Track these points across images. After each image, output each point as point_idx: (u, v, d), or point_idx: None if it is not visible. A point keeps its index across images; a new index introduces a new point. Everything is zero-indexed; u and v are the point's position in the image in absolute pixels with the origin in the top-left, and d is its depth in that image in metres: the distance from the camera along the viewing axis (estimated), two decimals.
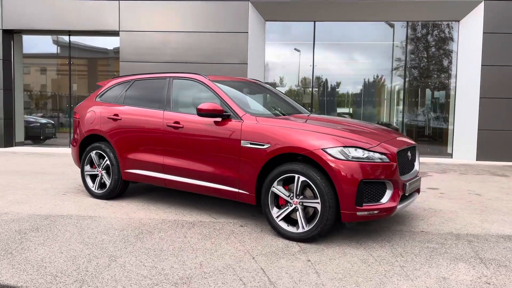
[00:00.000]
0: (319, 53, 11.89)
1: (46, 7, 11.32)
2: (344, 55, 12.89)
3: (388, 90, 12.95)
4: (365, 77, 12.74)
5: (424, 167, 9.22)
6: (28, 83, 13.22)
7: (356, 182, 3.60)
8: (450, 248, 3.73)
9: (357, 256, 3.51)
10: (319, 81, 12.45)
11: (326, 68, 12.47)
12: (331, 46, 12.48)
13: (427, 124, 12.73)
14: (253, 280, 3.02)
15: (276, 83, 12.79)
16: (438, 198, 5.84)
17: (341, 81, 12.97)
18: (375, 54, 12.63)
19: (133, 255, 3.46)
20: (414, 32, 11.89)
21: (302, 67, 12.24)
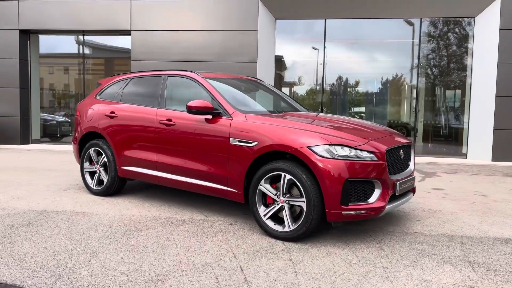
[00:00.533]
0: (331, 51, 11.75)
1: (61, 7, 11.55)
2: (357, 53, 12.71)
3: (402, 89, 12.73)
4: (378, 75, 12.55)
5: (435, 167, 9.00)
6: (47, 82, 13.53)
7: (341, 180, 3.52)
8: (440, 250, 3.61)
9: (341, 257, 3.44)
10: (333, 79, 12.31)
11: (339, 67, 12.33)
12: (343, 44, 12.32)
13: (442, 124, 12.45)
14: (229, 278, 2.98)
15: (295, 82, 12.71)
16: (440, 199, 5.68)
17: (354, 79, 12.80)
18: (388, 52, 12.42)
19: (115, 251, 3.47)
20: (428, 29, 11.62)
21: (320, 65, 12.10)
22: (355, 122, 4.49)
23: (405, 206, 5.17)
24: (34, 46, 12.54)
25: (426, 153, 11.48)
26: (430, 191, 6.26)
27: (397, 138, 4.22)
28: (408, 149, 4.32)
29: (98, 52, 13.35)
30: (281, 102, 5.40)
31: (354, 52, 12.70)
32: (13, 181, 6.34)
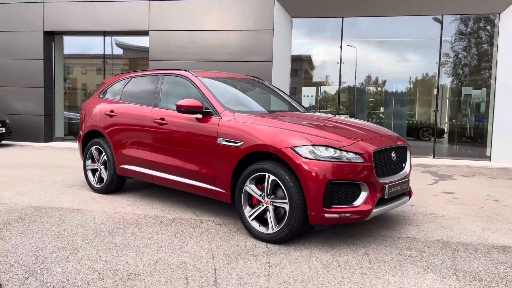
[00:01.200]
0: (358, 50, 11.54)
1: (83, 9, 11.84)
2: (378, 52, 12.42)
3: (423, 88, 12.35)
4: (399, 75, 12.22)
5: (453, 170, 8.67)
6: (73, 82, 13.94)
7: (323, 182, 3.41)
8: (428, 257, 3.44)
9: (321, 261, 3.33)
10: (355, 79, 12.07)
11: (361, 66, 12.09)
12: (364, 43, 12.07)
13: (467, 125, 12.01)
14: (199, 280, 2.94)
15: (322, 82, 12.54)
16: (447, 203, 5.44)
17: (373, 78, 12.52)
18: (410, 50, 12.06)
19: (96, 249, 3.50)
20: (451, 27, 11.20)
21: (343, 65, 11.89)
22: (350, 123, 4.36)
23: (406, 210, 4.99)
24: (58, 46, 12.91)
25: (449, 155, 11.08)
26: (439, 194, 6.01)
27: (391, 139, 4.07)
28: (403, 151, 4.15)
29: (128, 53, 13.60)
30: (280, 101, 5.32)
31: (375, 51, 12.41)
32: (24, 177, 6.53)
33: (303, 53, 12.73)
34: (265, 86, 5.52)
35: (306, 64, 13.23)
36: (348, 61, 11.67)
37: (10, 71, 12.30)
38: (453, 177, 7.68)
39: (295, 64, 12.66)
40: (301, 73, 13.29)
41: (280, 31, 10.80)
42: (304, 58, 12.95)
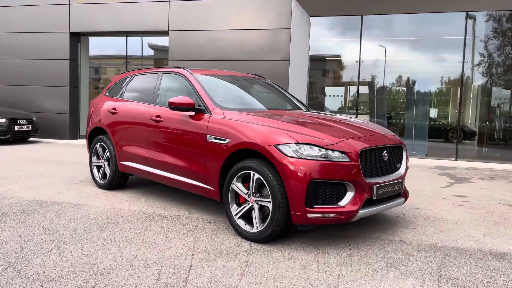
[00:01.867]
0: (369, 48, 11.29)
1: (107, 10, 12.13)
2: (396, 50, 12.09)
3: (454, 89, 11.91)
4: (424, 74, 11.83)
5: (473, 172, 8.32)
6: (98, 81, 14.34)
7: (305, 181, 3.33)
8: (414, 261, 3.30)
9: (301, 261, 3.26)
10: (379, 78, 11.81)
11: (380, 64, 11.82)
12: (385, 42, 11.77)
13: (496, 126, 11.51)
14: (171, 276, 2.93)
15: (352, 81, 12.31)
16: (455, 207, 5.22)
17: (399, 78, 12.17)
18: (434, 49, 11.67)
19: (81, 243, 3.55)
20: (479, 24, 10.75)
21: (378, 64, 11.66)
22: (347, 122, 4.25)
23: (407, 212, 4.81)
24: (84, 47, 13.29)
25: (473, 158, 10.64)
26: (449, 197, 5.77)
27: (384, 138, 3.92)
28: (398, 151, 4.00)
29: (159, 54, 13.80)
30: (280, 100, 5.25)
31: (399, 50, 12.08)
32: (38, 173, 6.74)
33: (326, 53, 12.54)
34: (267, 84, 5.46)
35: (330, 63, 12.98)
36: (377, 61, 11.44)
37: (38, 71, 12.76)
38: (470, 180, 7.36)
39: (319, 64, 12.53)
40: (325, 73, 13.07)
41: (297, 30, 10.70)
42: (329, 57, 12.74)
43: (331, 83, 13.11)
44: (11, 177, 6.28)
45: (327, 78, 13.21)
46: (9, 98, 12.99)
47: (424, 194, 5.91)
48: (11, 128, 11.07)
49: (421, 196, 5.76)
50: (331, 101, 12.68)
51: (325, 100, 12.66)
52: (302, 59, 11.05)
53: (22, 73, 12.93)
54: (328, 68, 13.16)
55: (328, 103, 12.56)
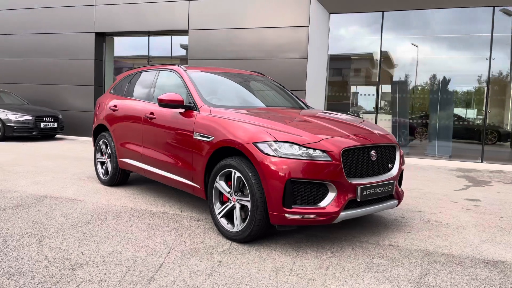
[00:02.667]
0: (391, 46, 10.94)
1: (130, 11, 12.36)
2: (432, 48, 11.65)
3: (477, 88, 11.38)
4: (456, 72, 11.32)
5: (496, 175, 7.89)
6: None
7: (283, 180, 3.22)
8: (396, 267, 3.12)
9: (276, 263, 3.15)
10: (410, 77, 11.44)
11: (402, 63, 11.44)
12: (412, 39, 11.38)
13: None
14: (138, 274, 2.90)
15: (375, 80, 12.02)
16: (462, 211, 4.94)
17: (427, 77, 11.72)
18: (460, 46, 11.17)
19: (63, 238, 3.58)
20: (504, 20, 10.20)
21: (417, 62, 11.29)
22: (335, 119, 4.10)
23: (407, 216, 4.60)
24: (109, 47, 13.59)
25: (500, 160, 10.10)
26: (459, 201, 5.48)
27: (374, 137, 3.74)
28: (389, 151, 3.81)
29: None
30: (279, 97, 5.13)
31: (427, 47, 11.63)
32: (50, 168, 6.92)
33: (350, 51, 12.26)
34: (266, 82, 5.36)
35: (358, 62, 12.62)
36: (402, 59, 11.09)
37: (64, 70, 13.16)
38: (490, 183, 6.97)
39: (342, 63, 12.29)
40: (349, 72, 12.75)
41: (316, 27, 10.51)
42: (357, 56, 12.44)
43: (360, 82, 12.79)
44: (24, 172, 6.48)
45: (352, 77, 12.91)
46: (38, 96, 13.48)
47: (433, 197, 5.64)
48: (37, 125, 11.47)
49: (429, 199, 5.50)
50: (359, 100, 12.40)
51: (350, 99, 12.40)
52: (321, 57, 10.85)
53: (49, 72, 13.38)
54: (354, 67, 12.85)
55: (355, 102, 12.30)
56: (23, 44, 13.77)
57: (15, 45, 13.89)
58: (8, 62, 14.11)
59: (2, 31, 14.06)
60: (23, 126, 11.26)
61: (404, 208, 4.96)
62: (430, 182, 6.93)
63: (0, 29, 14.10)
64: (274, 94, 5.17)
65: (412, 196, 5.64)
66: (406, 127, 11.56)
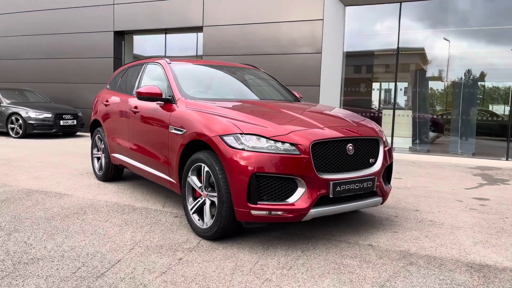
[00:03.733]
0: (412, 39, 10.48)
1: (147, 9, 12.45)
2: (442, 41, 11.09)
3: (504, 83, 10.74)
4: (473, 67, 10.75)
5: None
6: None
7: (247, 174, 3.05)
8: (365, 269, 2.89)
9: (238, 262, 2.99)
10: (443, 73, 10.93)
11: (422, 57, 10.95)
12: (424, 33, 10.87)
13: None
14: (90, 270, 2.81)
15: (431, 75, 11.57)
16: (464, 211, 4.60)
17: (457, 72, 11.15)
18: (485, 39, 10.56)
19: (33, 232, 3.55)
20: None
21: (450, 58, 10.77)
22: (315, 111, 3.89)
23: (401, 214, 4.31)
24: (128, 45, 13.76)
25: None
26: (465, 200, 5.12)
27: (353, 129, 3.49)
28: (371, 144, 3.56)
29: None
30: (267, 90, 4.94)
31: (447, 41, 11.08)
32: (56, 164, 7.01)
33: (370, 48, 11.86)
34: (258, 75, 5.18)
35: (423, 57, 12.07)
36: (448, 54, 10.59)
37: (84, 69, 13.43)
38: (507, 182, 6.52)
39: (362, 59, 11.91)
40: (372, 68, 12.30)
41: (331, 20, 10.21)
42: (373, 51, 12.02)
43: (379, 78, 12.36)
44: (28, 167, 6.59)
45: (370, 72, 12.50)
46: (60, 94, 13.82)
47: (438, 196, 5.30)
48: (57, 122, 11.74)
49: (432, 198, 5.17)
50: (377, 96, 11.99)
51: (372, 95, 12.02)
52: (336, 52, 10.53)
53: (71, 71, 13.69)
54: (372, 63, 12.42)
55: (374, 98, 11.91)
56: (47, 44, 14.15)
57: (40, 46, 14.31)
58: (33, 62, 14.56)
59: (28, 32, 14.52)
60: (43, 124, 11.55)
61: (400, 206, 4.67)
62: (441, 180, 6.54)
63: (26, 30, 14.57)
64: (263, 87, 4.99)
65: (414, 195, 5.32)
66: (427, 124, 11.06)
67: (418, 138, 10.76)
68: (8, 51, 15.07)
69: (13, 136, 11.59)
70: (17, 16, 14.74)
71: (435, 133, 11.75)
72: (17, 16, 14.74)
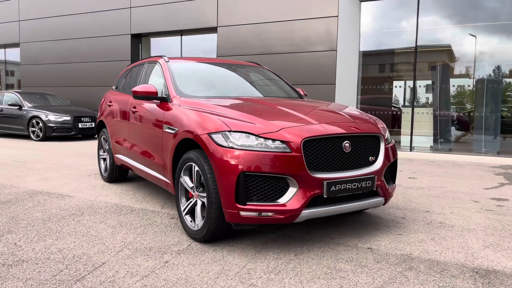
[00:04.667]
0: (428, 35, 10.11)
1: (162, 11, 12.50)
2: (464, 36, 10.66)
3: None
4: (497, 63, 10.29)
5: None
6: None
7: (235, 174, 2.91)
8: (359, 274, 2.70)
9: (225, 265, 2.85)
10: None
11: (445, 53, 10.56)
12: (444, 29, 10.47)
13: None
14: (72, 273, 2.73)
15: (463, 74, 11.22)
16: (479, 212, 4.32)
17: None
18: (508, 33, 10.08)
19: (26, 233, 3.51)
20: None
21: None
22: (312, 106, 3.72)
23: (409, 215, 4.08)
24: (146, 48, 13.85)
25: None
26: (482, 200, 4.83)
27: (349, 125, 3.29)
28: (371, 141, 3.36)
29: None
30: (269, 88, 4.78)
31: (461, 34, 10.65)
32: (68, 165, 7.05)
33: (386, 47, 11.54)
34: (261, 72, 5.03)
35: (449, 54, 11.69)
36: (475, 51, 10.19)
37: (102, 73, 13.60)
38: None
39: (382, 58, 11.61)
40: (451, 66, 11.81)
41: (346, 17, 9.96)
42: (395, 50, 11.70)
43: (398, 75, 12.03)
44: (40, 169, 6.64)
45: (388, 70, 12.17)
46: (80, 98, 14.04)
47: (453, 196, 5.02)
48: (75, 125, 11.90)
49: (446, 198, 4.90)
50: (397, 94, 11.67)
51: (390, 93, 11.71)
52: (352, 49, 10.27)
53: (90, 75, 13.89)
54: (390, 60, 12.09)
55: (394, 96, 11.59)
56: (68, 49, 14.42)
57: (61, 51, 14.60)
58: (55, 66, 14.87)
59: (50, 38, 14.85)
60: (62, 126, 11.73)
61: (410, 207, 4.44)
62: (459, 179, 6.23)
63: (48, 36, 14.90)
64: (265, 85, 4.83)
65: (427, 195, 5.05)
66: (449, 122, 10.65)
67: (440, 137, 10.37)
68: (32, 56, 15.45)
69: (34, 139, 11.81)
70: (39, 22, 15.09)
71: (461, 131, 11.31)
72: (39, 22, 15.09)
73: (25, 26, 15.54)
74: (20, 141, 11.67)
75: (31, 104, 12.41)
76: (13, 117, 12.30)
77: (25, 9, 15.46)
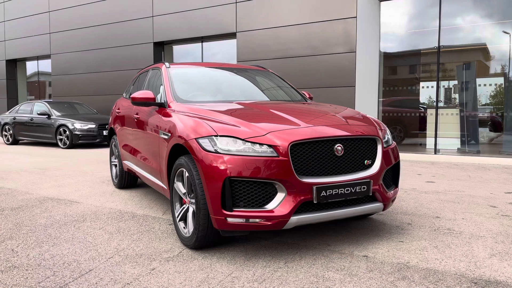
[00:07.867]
0: None
1: (184, 19, 12.66)
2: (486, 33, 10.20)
3: None
4: None
5: None
6: None
7: (220, 179, 2.85)
8: (347, 283, 2.57)
9: (210, 273, 2.78)
10: None
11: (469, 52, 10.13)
12: None
13: None
14: (58, 280, 2.73)
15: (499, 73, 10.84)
16: (495, 217, 4.08)
17: None
18: None
19: (25, 240, 3.57)
20: None
21: None
22: (305, 109, 3.62)
23: (416, 222, 3.89)
24: (169, 55, 14.05)
25: None
26: (500, 205, 4.56)
27: (343, 127, 3.16)
28: (367, 144, 3.21)
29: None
30: (273, 91, 4.70)
31: None
32: (85, 172, 7.20)
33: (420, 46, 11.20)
34: (266, 76, 4.95)
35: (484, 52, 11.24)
36: None
37: (126, 80, 13.81)
38: None
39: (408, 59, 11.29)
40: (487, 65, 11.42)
41: (365, 17, 9.75)
42: (412, 50, 11.36)
43: (423, 77, 11.66)
44: (58, 176, 6.81)
45: (416, 72, 11.81)
46: (106, 106, 14.35)
47: (469, 201, 4.77)
48: (100, 132, 12.18)
49: (461, 203, 4.66)
50: (423, 95, 11.30)
51: (414, 95, 11.36)
52: (372, 50, 10.03)
53: (115, 84, 14.22)
54: (418, 62, 11.72)
55: (420, 97, 11.25)
56: (94, 59, 14.84)
57: (87, 60, 15.04)
58: (83, 76, 15.32)
59: (78, 48, 15.33)
60: (87, 134, 12.04)
61: (419, 213, 4.24)
62: (480, 183, 5.92)
63: (76, 46, 15.38)
64: (267, 88, 4.75)
65: (441, 199, 4.82)
66: (478, 123, 10.20)
67: (469, 139, 9.95)
68: (62, 67, 15.99)
69: (62, 146, 12.18)
70: (68, 34, 15.61)
71: (495, 133, 10.83)
72: (68, 34, 15.61)
73: (55, 38, 16.11)
74: (48, 149, 12.06)
75: (59, 113, 12.80)
76: (42, 126, 12.74)
77: (55, 22, 16.03)
